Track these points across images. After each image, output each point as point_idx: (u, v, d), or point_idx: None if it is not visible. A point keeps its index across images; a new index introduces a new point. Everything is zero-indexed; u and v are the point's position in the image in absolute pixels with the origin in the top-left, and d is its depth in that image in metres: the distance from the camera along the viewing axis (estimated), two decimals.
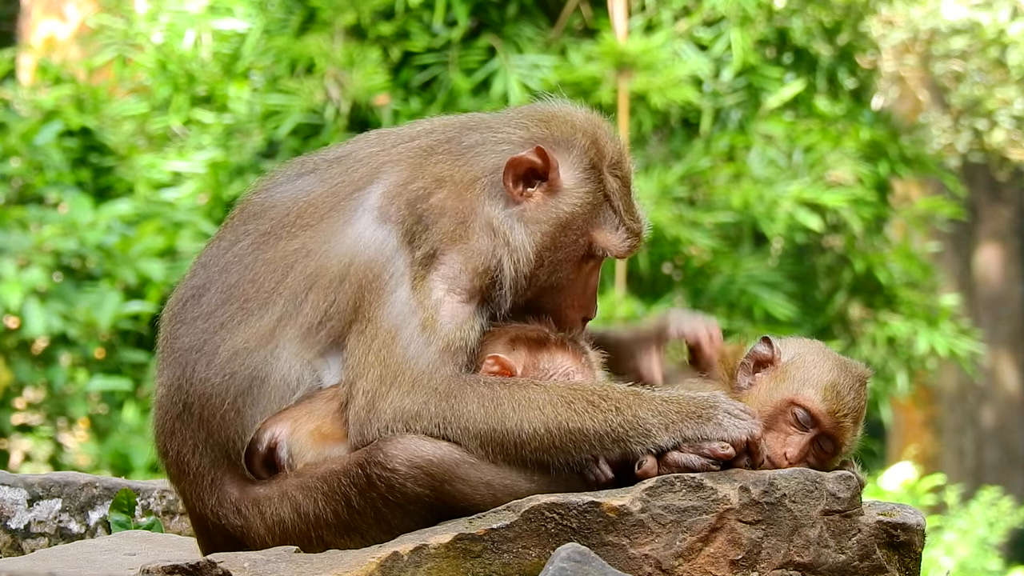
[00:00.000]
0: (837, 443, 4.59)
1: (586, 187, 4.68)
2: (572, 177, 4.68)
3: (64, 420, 12.72)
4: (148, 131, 14.84)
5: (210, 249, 4.68)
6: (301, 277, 4.51)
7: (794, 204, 13.46)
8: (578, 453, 4.35)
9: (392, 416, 4.34)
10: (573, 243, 4.66)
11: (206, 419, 4.50)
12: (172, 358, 4.58)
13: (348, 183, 4.61)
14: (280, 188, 4.70)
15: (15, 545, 5.52)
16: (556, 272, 4.66)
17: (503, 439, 4.33)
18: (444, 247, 4.51)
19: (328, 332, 4.49)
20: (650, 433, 4.34)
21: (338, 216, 4.55)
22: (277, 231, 4.58)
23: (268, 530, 4.45)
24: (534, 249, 4.62)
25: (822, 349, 4.71)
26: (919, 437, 21.80)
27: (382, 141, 4.73)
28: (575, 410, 4.34)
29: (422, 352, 4.39)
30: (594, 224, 4.69)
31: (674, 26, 13.93)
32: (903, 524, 4.44)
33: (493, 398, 4.35)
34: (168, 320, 4.64)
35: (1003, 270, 23.42)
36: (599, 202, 4.69)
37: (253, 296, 4.52)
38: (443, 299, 4.46)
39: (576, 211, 4.66)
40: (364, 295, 4.47)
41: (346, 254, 4.50)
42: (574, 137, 4.72)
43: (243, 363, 4.48)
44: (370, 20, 13.78)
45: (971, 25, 19.01)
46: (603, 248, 4.69)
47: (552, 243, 4.64)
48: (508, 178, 4.61)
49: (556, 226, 4.64)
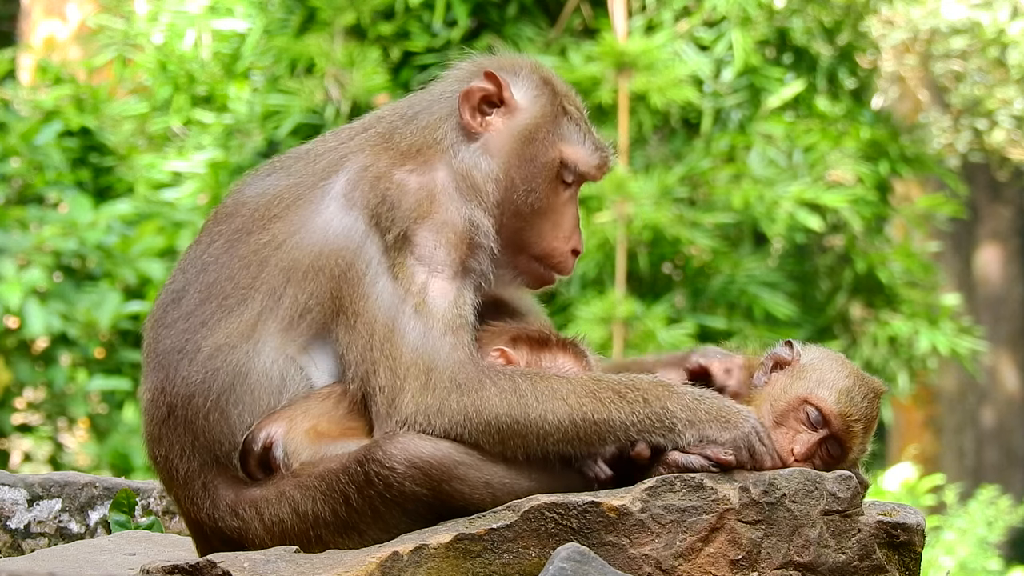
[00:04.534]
0: (845, 448, 4.59)
1: (542, 100, 4.69)
2: (526, 94, 4.69)
3: (64, 420, 12.72)
4: (148, 131, 14.84)
5: (188, 253, 4.67)
6: (276, 271, 4.49)
7: (794, 204, 13.46)
8: (601, 444, 4.33)
9: (414, 411, 4.32)
10: (542, 155, 4.65)
11: (190, 421, 4.47)
12: (155, 362, 4.56)
13: (313, 174, 4.61)
14: (249, 187, 4.70)
15: (15, 545, 5.52)
16: (531, 192, 4.64)
17: (526, 431, 4.30)
18: (414, 226, 4.47)
19: (309, 324, 4.47)
20: (675, 428, 4.33)
21: (305, 205, 4.54)
22: (248, 226, 4.57)
23: (267, 530, 4.43)
24: (503, 169, 4.61)
25: (842, 358, 4.74)
26: (919, 437, 21.81)
27: (338, 136, 4.74)
28: (600, 400, 4.32)
29: (425, 338, 4.37)
30: (560, 137, 4.68)
31: (674, 26, 13.93)
32: (903, 524, 4.44)
33: (515, 390, 4.32)
34: (150, 327, 4.62)
35: (1003, 270, 23.42)
36: (558, 115, 4.69)
37: (231, 293, 4.51)
38: (428, 281, 4.43)
39: (537, 121, 4.67)
40: (341, 285, 4.45)
41: (316, 243, 4.49)
42: (519, 63, 4.76)
43: (225, 359, 4.45)
44: (370, 20, 13.79)
45: (971, 25, 19.02)
46: (575, 163, 4.68)
47: (519, 159, 4.64)
48: (465, 112, 4.63)
49: (520, 140, 4.64)
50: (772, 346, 4.80)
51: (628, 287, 13.23)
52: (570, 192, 4.71)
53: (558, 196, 4.69)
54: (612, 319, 12.65)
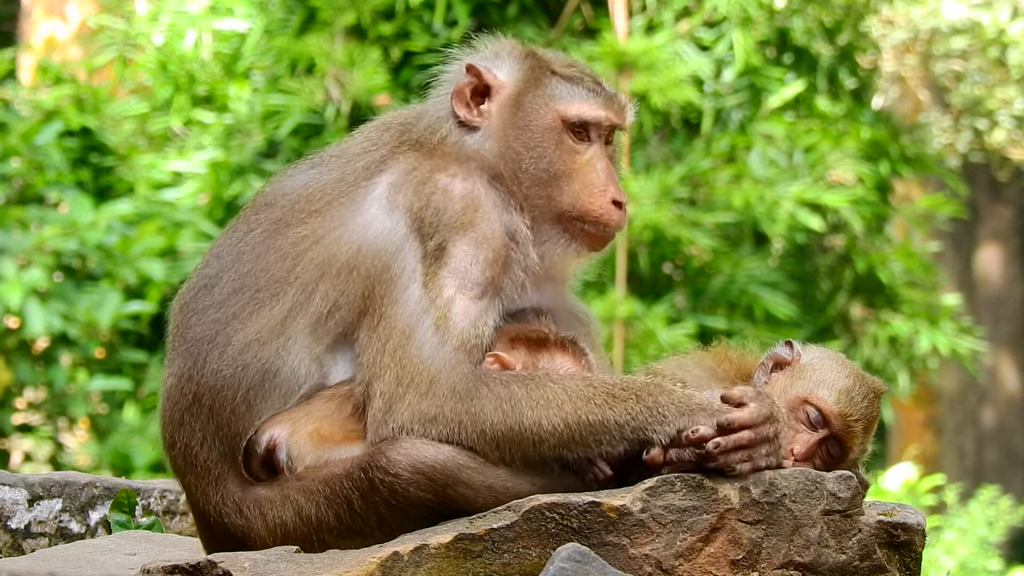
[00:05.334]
0: (844, 448, 4.59)
1: (524, 69, 4.72)
2: (509, 70, 4.73)
3: (64, 420, 12.72)
4: (148, 131, 14.83)
5: (223, 239, 4.69)
6: (311, 266, 4.51)
7: (795, 205, 13.46)
8: (597, 446, 4.34)
9: (409, 418, 4.34)
10: (537, 119, 4.66)
11: (216, 411, 4.49)
12: (183, 348, 4.57)
13: (354, 172, 4.63)
14: (291, 179, 4.72)
15: (15, 545, 5.52)
16: (541, 157, 4.65)
17: (521, 437, 4.32)
18: (454, 236, 4.49)
19: (337, 323, 4.49)
20: (666, 419, 4.33)
21: (347, 203, 4.56)
22: (287, 218, 4.59)
23: (269, 532, 4.44)
24: (505, 143, 4.64)
25: (842, 358, 4.74)
26: (919, 437, 21.81)
27: (368, 136, 4.77)
28: (595, 403, 4.33)
29: (437, 352, 4.38)
30: (551, 97, 4.69)
31: (675, 26, 13.93)
32: (903, 524, 4.44)
33: (510, 398, 4.34)
34: (179, 309, 4.64)
35: (1003, 270, 23.42)
36: (543, 76, 4.71)
37: (264, 285, 4.52)
38: (454, 297, 4.44)
39: (519, 87, 4.69)
40: (374, 287, 4.46)
41: (355, 241, 4.50)
42: (500, 47, 4.79)
43: (255, 355, 4.48)
44: (370, 20, 13.79)
45: (971, 25, 19.02)
46: (576, 116, 4.68)
47: (515, 128, 4.66)
48: (460, 109, 4.68)
49: (510, 111, 4.67)
50: (772, 346, 4.80)
51: (628, 287, 13.23)
52: (592, 148, 4.70)
53: (577, 155, 4.69)
54: (613, 319, 12.66)
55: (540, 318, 4.71)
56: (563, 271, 4.79)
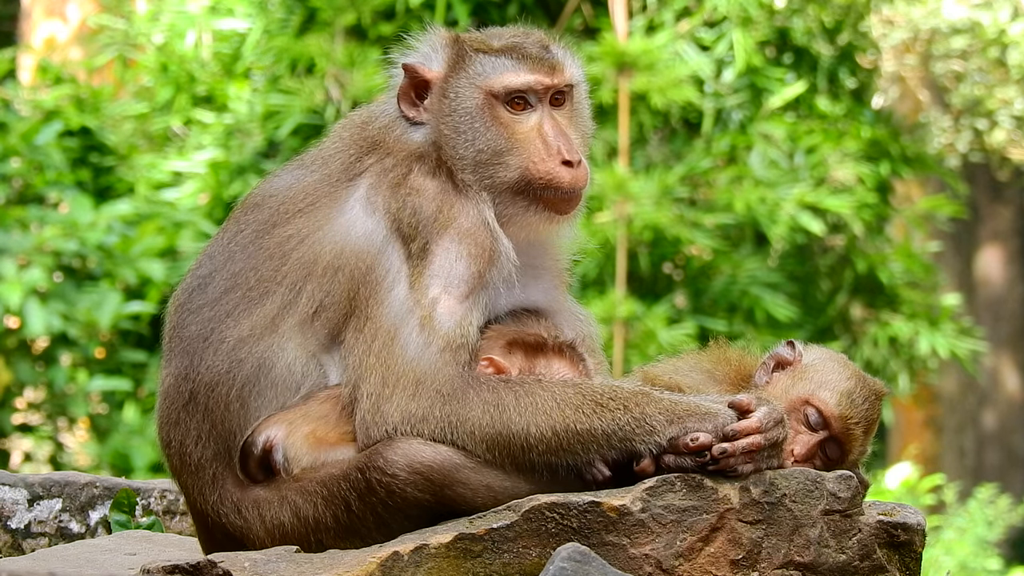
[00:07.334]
0: (844, 450, 4.59)
1: (450, 56, 4.73)
2: (439, 60, 4.73)
3: (64, 420, 12.72)
4: (148, 131, 14.83)
5: (216, 240, 4.72)
6: (298, 265, 4.53)
7: (796, 207, 13.45)
8: (585, 454, 4.34)
9: (399, 419, 4.34)
10: (466, 101, 4.66)
11: (211, 409, 4.50)
12: (180, 347, 4.59)
13: (334, 172, 4.65)
14: (277, 179, 4.75)
15: (15, 545, 5.53)
16: (478, 136, 4.64)
17: (509, 443, 4.32)
18: (435, 235, 4.51)
19: (324, 322, 4.50)
20: (655, 430, 4.33)
21: (329, 203, 4.58)
22: (274, 218, 4.62)
23: (268, 532, 4.45)
24: (449, 132, 4.64)
25: (844, 359, 4.74)
26: (919, 437, 21.80)
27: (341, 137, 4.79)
28: (583, 412, 4.33)
29: (422, 353, 4.39)
30: (476, 75, 4.69)
31: (675, 26, 13.92)
32: (903, 524, 4.44)
33: (497, 403, 4.34)
34: (175, 309, 4.66)
35: (1004, 270, 23.41)
36: (465, 57, 4.71)
37: (255, 285, 4.55)
38: (439, 297, 4.45)
39: (446, 74, 4.70)
40: (359, 288, 4.48)
41: (338, 242, 4.52)
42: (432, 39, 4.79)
43: (250, 351, 4.49)
44: (370, 20, 13.79)
45: (971, 25, 19.02)
46: (502, 88, 4.67)
47: (450, 114, 4.66)
48: (406, 108, 4.70)
49: (439, 98, 4.68)
50: (773, 346, 4.80)
51: (629, 287, 13.23)
52: (536, 114, 4.68)
53: (518, 125, 4.67)
54: (613, 319, 12.65)
55: (539, 321, 4.70)
56: (541, 243, 4.77)
